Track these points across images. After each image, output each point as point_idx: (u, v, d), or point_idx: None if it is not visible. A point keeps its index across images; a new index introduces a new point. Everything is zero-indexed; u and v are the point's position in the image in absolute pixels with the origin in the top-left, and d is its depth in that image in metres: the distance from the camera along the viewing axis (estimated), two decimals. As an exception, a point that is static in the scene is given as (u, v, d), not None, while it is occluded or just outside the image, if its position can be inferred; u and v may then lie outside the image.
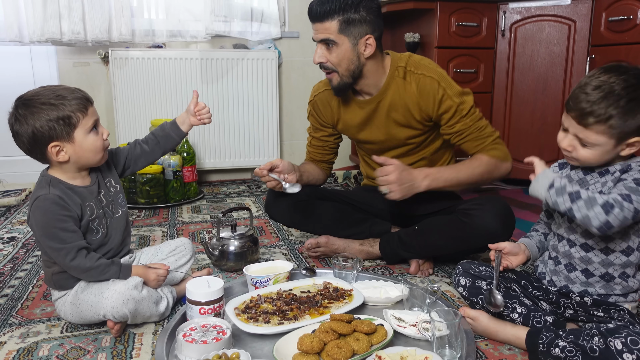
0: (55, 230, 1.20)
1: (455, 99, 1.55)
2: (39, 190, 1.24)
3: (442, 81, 1.57)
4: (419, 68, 1.60)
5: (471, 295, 1.28)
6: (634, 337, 0.99)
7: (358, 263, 1.47)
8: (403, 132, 1.66)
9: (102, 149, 1.27)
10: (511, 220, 1.51)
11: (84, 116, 1.22)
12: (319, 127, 1.81)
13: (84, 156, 1.25)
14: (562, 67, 2.45)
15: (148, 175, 2.43)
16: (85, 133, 1.23)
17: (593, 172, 1.18)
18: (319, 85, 1.77)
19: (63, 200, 1.22)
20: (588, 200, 1.08)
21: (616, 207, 1.05)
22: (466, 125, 1.57)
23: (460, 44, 2.48)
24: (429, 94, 1.57)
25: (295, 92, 3.09)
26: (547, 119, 2.53)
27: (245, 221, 2.26)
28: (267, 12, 2.91)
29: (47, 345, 1.23)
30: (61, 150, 1.22)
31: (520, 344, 1.17)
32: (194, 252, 1.50)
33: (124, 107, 2.75)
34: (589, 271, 1.18)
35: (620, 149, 1.11)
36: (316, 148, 1.84)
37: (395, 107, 1.62)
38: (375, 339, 1.13)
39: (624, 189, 1.08)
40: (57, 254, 1.21)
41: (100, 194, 1.33)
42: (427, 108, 1.59)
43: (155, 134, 1.46)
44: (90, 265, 1.23)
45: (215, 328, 1.15)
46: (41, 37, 2.53)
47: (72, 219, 1.23)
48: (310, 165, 1.83)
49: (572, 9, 2.38)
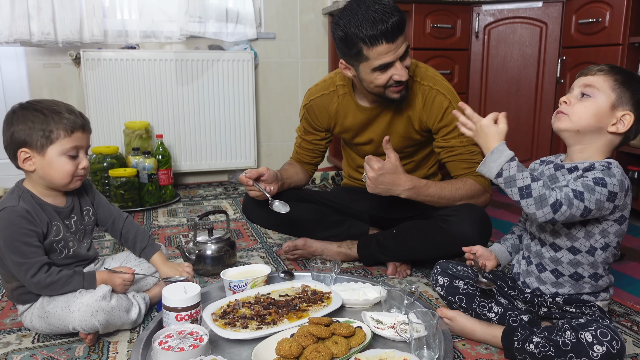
0: (19, 244, 1.17)
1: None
2: (8, 201, 1.21)
3: (448, 94, 1.57)
4: (426, 79, 1.58)
5: (449, 295, 1.30)
6: (603, 330, 1.02)
7: (336, 265, 1.47)
8: (401, 142, 1.67)
9: (69, 175, 1.23)
10: (488, 228, 1.52)
11: (65, 136, 1.20)
12: (310, 131, 1.79)
13: (49, 174, 1.22)
14: (535, 68, 2.49)
15: (122, 179, 2.38)
16: (59, 153, 1.21)
17: (563, 168, 1.20)
18: (315, 90, 1.74)
19: (30, 214, 1.19)
20: (539, 199, 1.07)
21: (564, 205, 1.07)
22: (461, 143, 1.56)
23: (435, 46, 2.51)
24: (434, 107, 1.56)
25: (272, 94, 3.07)
26: (520, 119, 2.57)
27: (222, 224, 2.23)
28: (243, 13, 2.88)
29: (18, 356, 1.19)
30: (29, 159, 1.21)
31: (496, 343, 1.19)
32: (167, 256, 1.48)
33: (96, 109, 2.69)
34: (558, 271, 1.20)
35: (610, 120, 1.13)
36: (306, 150, 1.82)
37: (396, 118, 1.62)
38: (354, 342, 1.12)
39: (580, 185, 1.09)
40: (19, 268, 1.18)
41: (72, 219, 1.30)
42: (428, 121, 1.59)
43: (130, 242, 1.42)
44: (52, 280, 1.19)
45: (192, 335, 1.13)
46: (9, 37, 2.46)
47: (37, 235, 1.20)
48: (293, 169, 1.80)
49: (544, 11, 2.43)
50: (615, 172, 1.11)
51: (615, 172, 1.11)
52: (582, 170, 1.15)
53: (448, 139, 1.58)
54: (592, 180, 1.09)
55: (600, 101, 1.13)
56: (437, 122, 1.58)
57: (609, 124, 1.13)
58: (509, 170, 1.10)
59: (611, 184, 1.09)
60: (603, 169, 1.12)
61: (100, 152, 2.49)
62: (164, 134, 2.77)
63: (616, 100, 1.13)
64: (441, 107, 1.56)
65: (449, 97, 1.56)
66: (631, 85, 1.13)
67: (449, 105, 1.55)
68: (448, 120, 1.56)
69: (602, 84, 1.14)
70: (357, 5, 1.43)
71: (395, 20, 1.39)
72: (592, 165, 1.14)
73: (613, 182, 1.09)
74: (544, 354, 1.07)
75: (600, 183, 1.09)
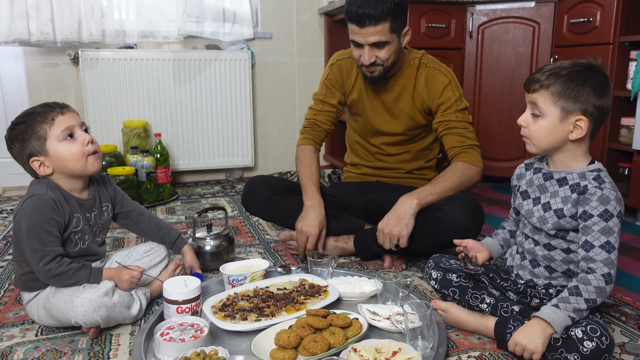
0: (40, 231, 1.20)
1: (456, 93, 1.69)
2: (36, 189, 1.25)
3: (448, 75, 1.70)
4: (431, 63, 1.73)
5: (442, 288, 1.33)
6: (593, 326, 1.05)
7: (333, 260, 1.51)
8: (405, 122, 1.78)
9: (81, 156, 1.25)
10: (480, 215, 1.57)
11: (51, 127, 1.23)
12: (335, 91, 1.85)
13: (65, 165, 1.25)
14: (528, 67, 2.53)
15: (121, 177, 2.41)
16: (57, 143, 1.23)
17: (552, 179, 1.21)
18: (342, 53, 1.85)
19: (56, 204, 1.23)
20: (600, 291, 1.08)
21: (610, 269, 1.09)
22: (457, 118, 1.68)
23: (429, 45, 2.54)
24: (434, 85, 1.69)
25: (268, 93, 3.10)
26: (514, 118, 2.60)
27: (221, 221, 2.26)
28: (240, 12, 2.91)
29: (22, 348, 1.22)
30: (42, 164, 1.24)
31: (489, 333, 1.22)
32: (169, 253, 1.52)
33: (95, 108, 2.72)
34: (551, 268, 1.23)
35: (567, 129, 1.14)
36: (326, 114, 1.85)
37: (402, 95, 1.74)
38: (350, 333, 1.16)
39: (601, 236, 1.10)
40: (34, 254, 1.20)
41: (92, 212, 1.34)
42: (429, 99, 1.71)
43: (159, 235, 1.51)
44: (61, 270, 1.22)
45: (193, 326, 1.16)
46: (8, 37, 2.47)
47: (59, 225, 1.23)
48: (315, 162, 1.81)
49: (536, 11, 2.47)
50: (607, 192, 1.11)
51: (608, 192, 1.12)
52: (577, 192, 1.15)
53: (446, 114, 1.69)
54: (602, 219, 1.10)
55: (549, 118, 1.15)
56: (437, 98, 1.69)
57: (568, 133, 1.14)
58: (575, 315, 1.08)
59: (614, 209, 1.11)
60: (596, 192, 1.12)
61: (99, 150, 2.52)
62: (162, 133, 2.79)
63: (562, 112, 1.13)
64: (441, 84, 1.69)
65: (448, 77, 1.70)
66: (569, 91, 1.12)
67: (449, 84, 1.68)
68: (446, 97, 1.68)
69: (544, 101, 1.14)
70: None
71: (368, 12, 1.54)
72: (585, 187, 1.14)
73: (613, 206, 1.11)
74: None
75: (608, 217, 1.10)
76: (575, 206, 1.15)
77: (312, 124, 1.87)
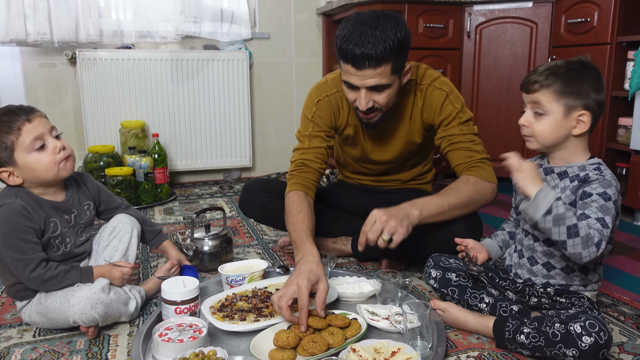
0: (16, 241, 1.18)
1: (457, 105, 1.54)
2: (4, 199, 1.22)
3: (445, 87, 1.55)
4: (424, 78, 1.57)
5: (442, 287, 1.33)
6: (592, 321, 1.06)
7: (331, 260, 1.50)
8: (402, 147, 1.66)
9: (52, 165, 1.21)
10: (479, 229, 1.53)
11: (17, 137, 1.18)
12: (324, 129, 1.62)
13: (35, 175, 1.22)
14: (525, 67, 2.54)
15: (119, 178, 2.40)
16: (26, 153, 1.19)
17: (553, 173, 1.23)
18: (326, 87, 1.63)
19: (27, 211, 1.21)
20: (585, 239, 1.07)
21: (603, 240, 1.09)
22: (461, 131, 1.53)
23: (428, 45, 2.54)
24: (432, 102, 1.55)
25: (266, 93, 3.10)
26: (512, 118, 2.61)
27: (219, 222, 2.26)
28: (238, 12, 2.91)
29: (20, 349, 1.21)
30: (11, 174, 1.21)
31: (487, 333, 1.22)
32: (135, 225, 1.41)
33: (92, 108, 2.71)
34: (550, 264, 1.24)
35: (570, 125, 1.16)
36: (315, 152, 1.60)
37: (401, 122, 1.62)
38: (349, 333, 1.16)
39: (597, 211, 1.11)
40: (17, 264, 1.19)
41: (72, 214, 1.31)
42: (429, 117, 1.57)
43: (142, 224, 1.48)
44: (50, 275, 1.21)
45: (191, 327, 1.16)
46: (5, 37, 2.47)
47: (35, 231, 1.21)
48: (305, 207, 1.48)
49: (534, 11, 2.47)
50: (609, 178, 1.14)
51: (609, 178, 1.14)
52: (577, 180, 1.16)
53: (448, 129, 1.55)
54: (601, 197, 1.12)
55: (553, 115, 1.17)
56: (437, 116, 1.57)
57: (572, 128, 1.17)
58: (557, 208, 1.08)
59: (613, 194, 1.13)
60: (598, 178, 1.14)
61: (97, 151, 2.51)
62: (160, 133, 2.79)
63: (565, 108, 1.15)
64: (439, 100, 1.55)
65: (445, 90, 1.55)
66: (569, 88, 1.14)
67: (446, 97, 1.54)
68: (447, 112, 1.54)
69: (547, 100, 1.16)
70: (360, 18, 1.38)
71: (367, 52, 1.32)
72: (586, 175, 1.15)
73: (613, 192, 1.13)
74: (534, 344, 1.10)
75: (607, 198, 1.12)
76: (574, 193, 1.17)
77: (300, 165, 1.58)
